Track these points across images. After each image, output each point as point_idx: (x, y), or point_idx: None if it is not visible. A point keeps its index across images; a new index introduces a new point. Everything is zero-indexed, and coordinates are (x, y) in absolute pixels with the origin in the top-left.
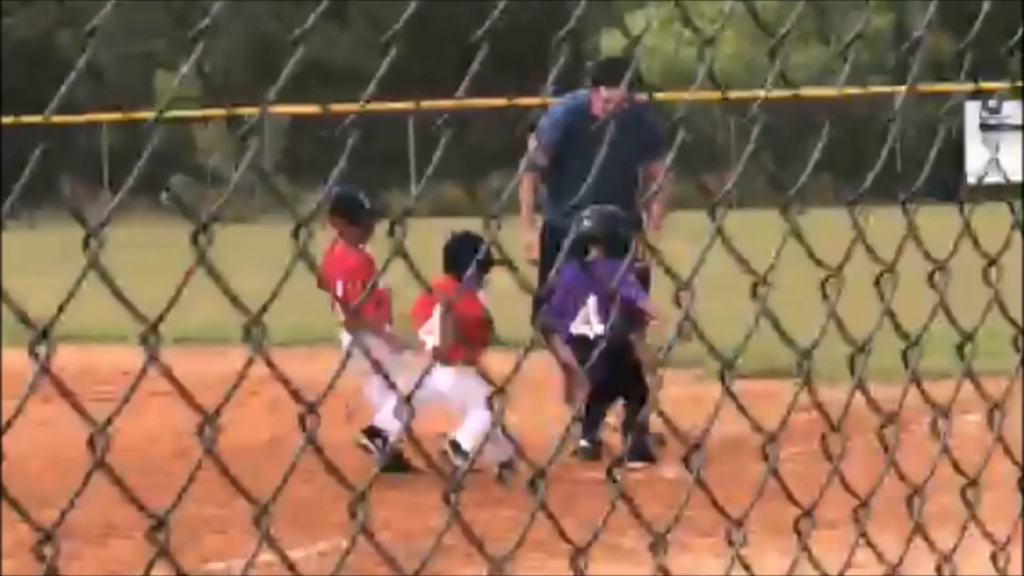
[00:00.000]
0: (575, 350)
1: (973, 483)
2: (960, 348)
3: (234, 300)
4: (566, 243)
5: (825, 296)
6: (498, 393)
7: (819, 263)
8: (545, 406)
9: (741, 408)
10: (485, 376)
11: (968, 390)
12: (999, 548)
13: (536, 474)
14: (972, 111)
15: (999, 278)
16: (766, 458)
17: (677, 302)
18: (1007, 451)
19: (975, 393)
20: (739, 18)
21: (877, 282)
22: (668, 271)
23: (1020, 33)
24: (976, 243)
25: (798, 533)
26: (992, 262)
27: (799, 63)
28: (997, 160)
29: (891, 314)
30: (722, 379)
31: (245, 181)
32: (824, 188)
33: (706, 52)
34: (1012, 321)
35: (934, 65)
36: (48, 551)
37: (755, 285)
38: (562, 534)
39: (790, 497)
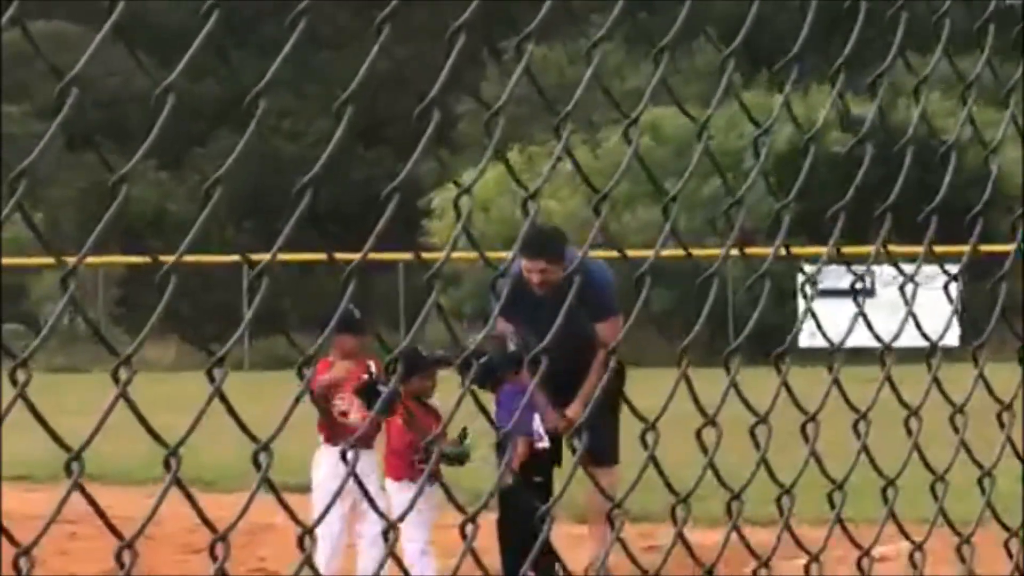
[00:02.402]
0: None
1: None
2: (830, 496)
3: (54, 437)
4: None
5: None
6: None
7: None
8: None
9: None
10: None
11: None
12: None
13: None
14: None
15: (866, 432)
16: None
17: (644, 442)
18: None
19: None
20: (575, 178)
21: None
22: (633, 411)
23: (843, 202)
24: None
25: None
26: (913, 412)
27: (629, 222)
28: (818, 325)
29: (766, 463)
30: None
31: (82, 330)
32: (659, 348)
33: (530, 206)
34: (829, 479)
35: (768, 231)
36: None
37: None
38: None
39: None
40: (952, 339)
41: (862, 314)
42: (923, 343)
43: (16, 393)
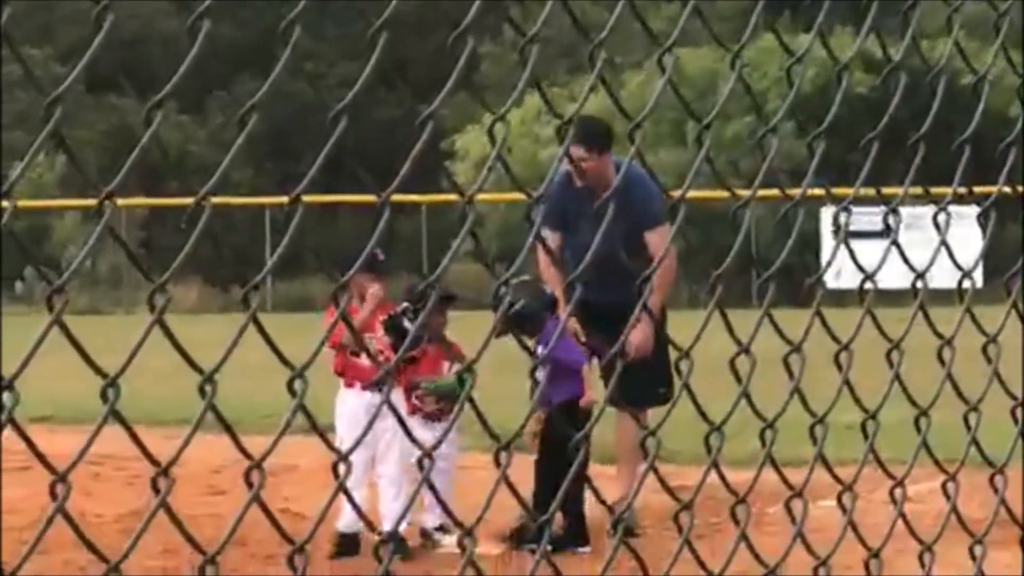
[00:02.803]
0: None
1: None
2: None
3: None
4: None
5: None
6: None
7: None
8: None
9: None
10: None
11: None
12: None
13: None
14: (828, 216)
15: (849, 364)
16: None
17: (677, 370)
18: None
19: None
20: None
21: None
22: (669, 340)
23: (876, 131)
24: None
25: None
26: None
27: (654, 164)
28: (858, 266)
29: (748, 396)
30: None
31: (108, 272)
32: (678, 293)
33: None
34: (861, 407)
35: (791, 171)
36: None
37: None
38: None
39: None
40: (978, 278)
41: (895, 243)
42: (949, 285)
43: (52, 319)
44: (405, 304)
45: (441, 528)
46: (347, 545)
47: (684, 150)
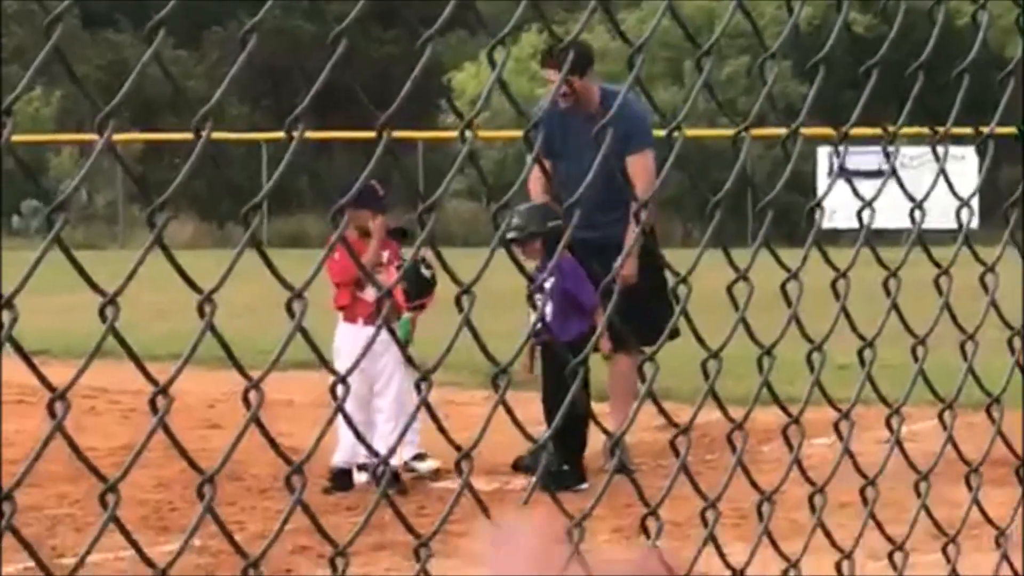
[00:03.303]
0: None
1: (820, 491)
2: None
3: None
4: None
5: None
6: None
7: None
8: None
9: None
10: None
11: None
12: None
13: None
14: (824, 157)
15: (845, 294)
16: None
17: (675, 296)
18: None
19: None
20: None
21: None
22: (666, 265)
23: (872, 80)
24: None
25: (646, 533)
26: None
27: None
28: (821, 208)
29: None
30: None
31: (105, 208)
32: (673, 229)
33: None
34: (861, 336)
35: (786, 110)
36: None
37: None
38: (406, 525)
39: (642, 497)
40: (973, 220)
41: (894, 171)
42: (945, 224)
43: (51, 236)
44: (423, 256)
45: (419, 457)
46: (342, 480)
47: (680, 88)
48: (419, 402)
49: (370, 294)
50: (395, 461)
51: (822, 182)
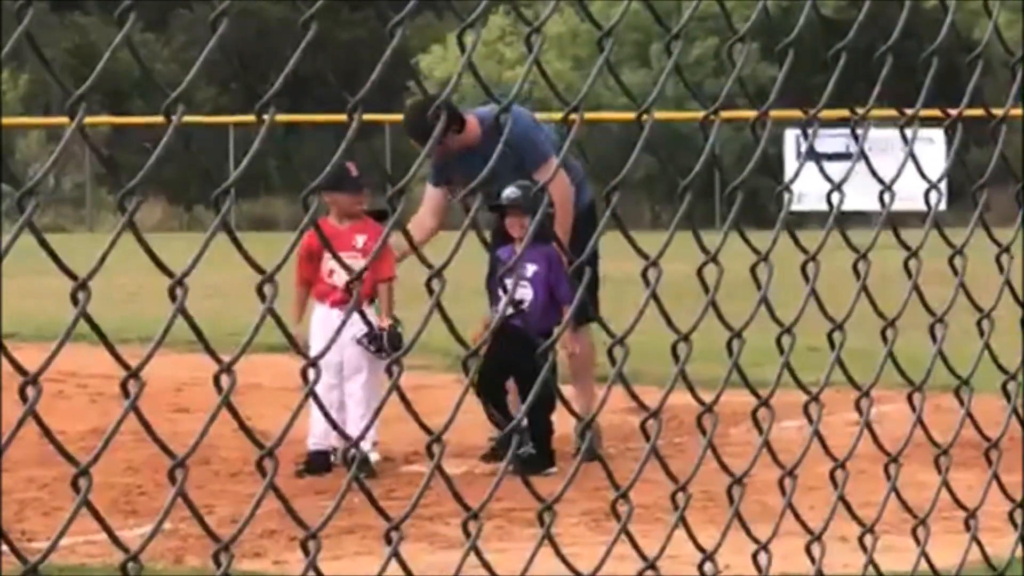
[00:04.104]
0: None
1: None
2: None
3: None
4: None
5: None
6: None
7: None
8: None
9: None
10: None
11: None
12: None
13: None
14: (792, 139)
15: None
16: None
17: (645, 278)
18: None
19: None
20: (561, 41)
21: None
22: (635, 246)
23: (840, 62)
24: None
25: (616, 516)
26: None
27: (616, 88)
28: (789, 191)
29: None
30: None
31: (72, 190)
32: (641, 213)
33: (534, 39)
34: (830, 318)
35: (756, 93)
36: None
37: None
38: (378, 508)
39: (611, 479)
40: (942, 202)
41: (863, 153)
42: (914, 206)
43: (22, 220)
44: (395, 324)
45: (376, 444)
46: (317, 462)
47: (648, 71)
48: (390, 386)
49: (337, 279)
50: (366, 445)
51: (790, 164)
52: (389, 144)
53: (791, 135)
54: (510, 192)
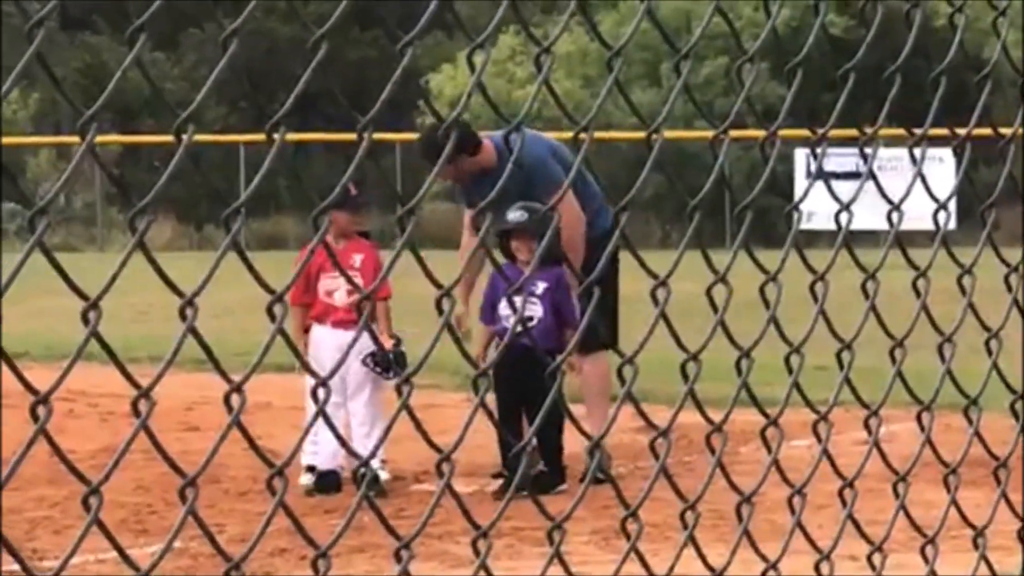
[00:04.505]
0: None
1: (799, 492)
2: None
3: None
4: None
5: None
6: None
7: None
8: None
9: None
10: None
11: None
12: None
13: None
14: (801, 158)
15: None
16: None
17: (654, 298)
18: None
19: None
20: (571, 60)
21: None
22: (643, 265)
23: (849, 82)
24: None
25: (627, 535)
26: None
27: (627, 107)
28: (798, 210)
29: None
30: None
31: (82, 209)
32: (651, 232)
33: (543, 59)
34: (839, 337)
35: (764, 112)
36: None
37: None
38: (387, 527)
39: (620, 498)
40: (950, 221)
41: (871, 173)
42: (922, 226)
43: (34, 240)
44: (398, 343)
45: (385, 462)
46: (327, 482)
47: (657, 91)
48: (400, 405)
49: (338, 299)
50: (375, 463)
51: (799, 183)
52: (399, 163)
53: (801, 154)
54: (515, 215)
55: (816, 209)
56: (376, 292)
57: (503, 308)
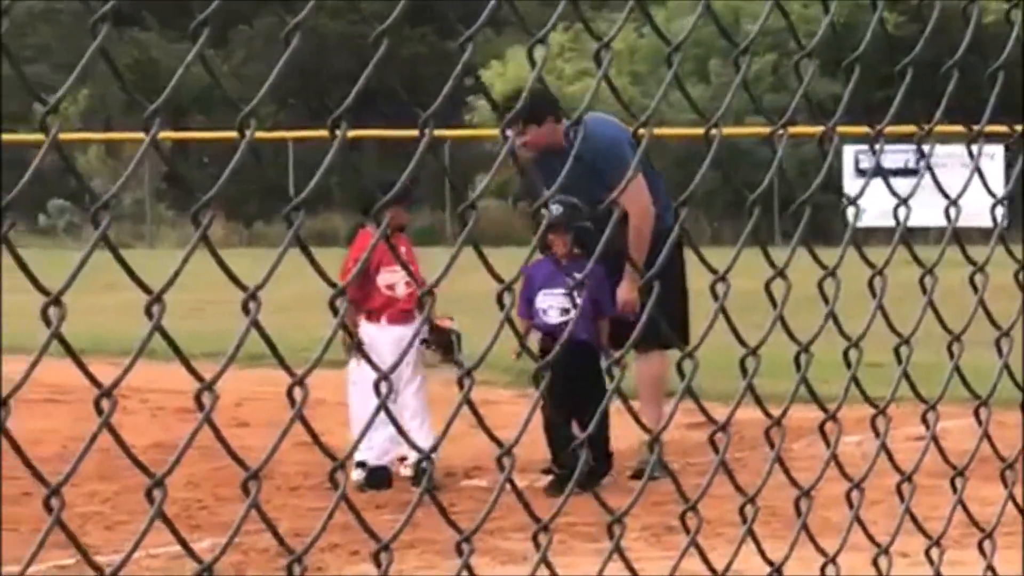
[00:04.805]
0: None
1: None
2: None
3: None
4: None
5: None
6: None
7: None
8: None
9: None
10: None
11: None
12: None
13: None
14: (850, 155)
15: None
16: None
17: (713, 293)
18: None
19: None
20: (620, 58)
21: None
22: (703, 260)
23: (907, 78)
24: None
25: (686, 529)
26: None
27: (679, 101)
28: (857, 206)
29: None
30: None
31: (132, 206)
32: (701, 229)
33: (603, 54)
34: (897, 332)
35: (815, 108)
36: None
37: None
38: (449, 521)
39: (680, 491)
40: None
41: (929, 168)
42: (976, 223)
43: (97, 235)
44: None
45: (403, 458)
46: (378, 477)
47: (707, 87)
48: (461, 399)
49: (399, 292)
50: (414, 457)
51: (848, 180)
52: (448, 159)
53: (850, 151)
54: (554, 208)
55: (866, 205)
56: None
57: (540, 301)
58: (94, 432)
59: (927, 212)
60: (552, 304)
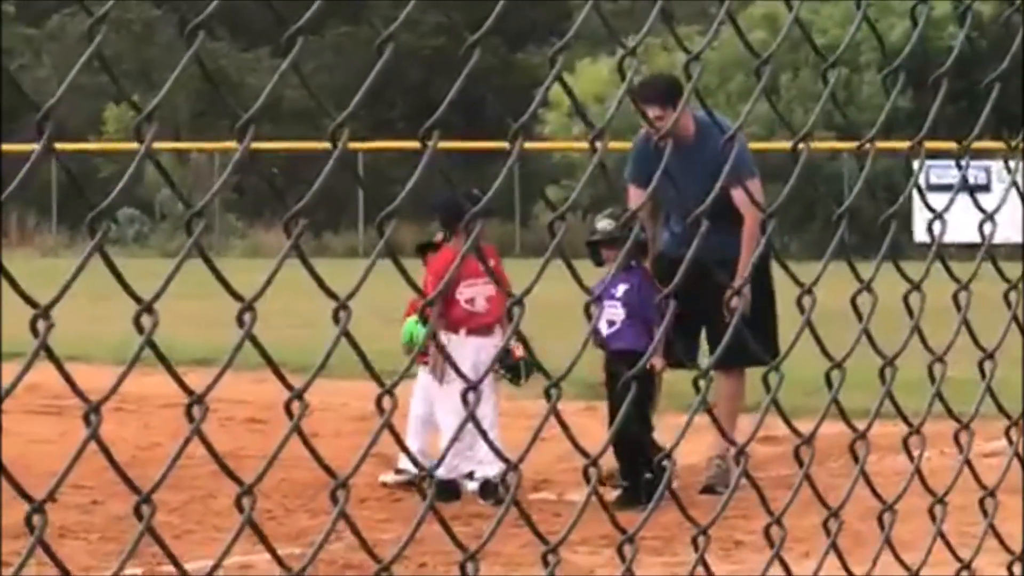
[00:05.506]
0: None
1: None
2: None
3: (227, 287)
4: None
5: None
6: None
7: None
8: None
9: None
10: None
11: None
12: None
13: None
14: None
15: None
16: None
17: (800, 306)
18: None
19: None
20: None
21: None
22: (788, 273)
23: (994, 92)
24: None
25: (770, 543)
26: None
27: (746, 118)
28: (943, 220)
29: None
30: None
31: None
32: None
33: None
34: (979, 347)
35: (885, 124)
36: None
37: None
38: (536, 532)
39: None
40: None
41: (965, 181)
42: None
43: (192, 240)
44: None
45: (471, 475)
46: (446, 491)
47: (776, 100)
48: (548, 411)
49: (479, 306)
50: (494, 470)
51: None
52: (517, 171)
53: (917, 165)
54: (603, 224)
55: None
56: (505, 296)
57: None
58: (185, 438)
59: (1010, 229)
60: (603, 317)
